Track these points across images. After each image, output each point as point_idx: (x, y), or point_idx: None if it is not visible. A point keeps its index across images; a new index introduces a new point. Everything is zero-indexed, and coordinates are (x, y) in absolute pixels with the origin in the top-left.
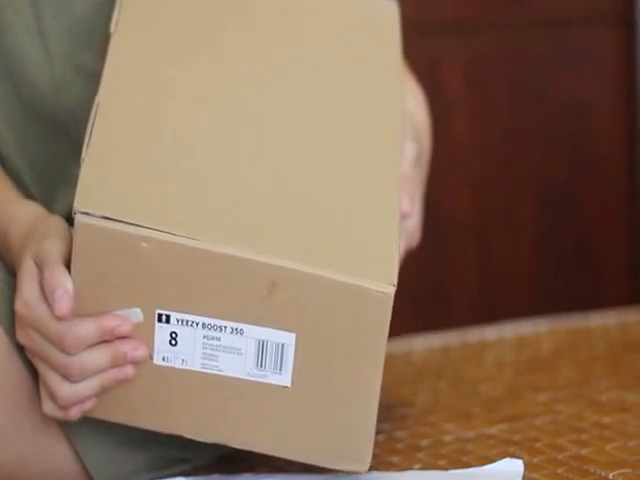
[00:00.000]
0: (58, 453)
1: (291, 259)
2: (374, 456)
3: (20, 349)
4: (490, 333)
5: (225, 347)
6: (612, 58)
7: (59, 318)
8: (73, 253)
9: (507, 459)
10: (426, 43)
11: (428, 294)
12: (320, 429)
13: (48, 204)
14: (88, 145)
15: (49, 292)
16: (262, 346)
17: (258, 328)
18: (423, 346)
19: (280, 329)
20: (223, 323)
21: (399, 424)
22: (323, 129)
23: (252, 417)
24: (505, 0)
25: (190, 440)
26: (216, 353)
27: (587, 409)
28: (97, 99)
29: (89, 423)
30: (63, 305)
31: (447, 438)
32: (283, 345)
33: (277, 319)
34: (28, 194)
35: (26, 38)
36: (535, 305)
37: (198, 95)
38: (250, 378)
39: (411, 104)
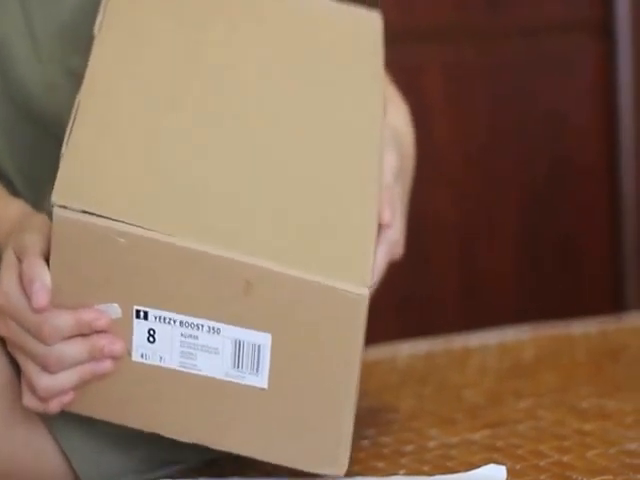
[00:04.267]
0: (47, 452)
1: (267, 259)
2: (359, 461)
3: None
4: (473, 340)
5: (203, 346)
6: (592, 66)
7: (36, 310)
8: (52, 246)
9: (491, 465)
10: (407, 50)
11: (412, 300)
12: (296, 432)
13: (36, 205)
14: (68, 140)
15: (27, 284)
16: (239, 346)
17: (235, 328)
18: (407, 352)
19: (256, 329)
20: (200, 322)
21: (384, 429)
22: (303, 136)
23: (229, 418)
24: (485, 8)
25: (176, 442)
26: (194, 352)
27: (568, 416)
28: (78, 98)
29: (76, 423)
30: (40, 297)
31: (431, 444)
32: (259, 346)
33: (253, 319)
34: (17, 195)
35: (16, 39)
36: (518, 311)
37: (178, 95)
38: (228, 379)
39: (393, 116)
